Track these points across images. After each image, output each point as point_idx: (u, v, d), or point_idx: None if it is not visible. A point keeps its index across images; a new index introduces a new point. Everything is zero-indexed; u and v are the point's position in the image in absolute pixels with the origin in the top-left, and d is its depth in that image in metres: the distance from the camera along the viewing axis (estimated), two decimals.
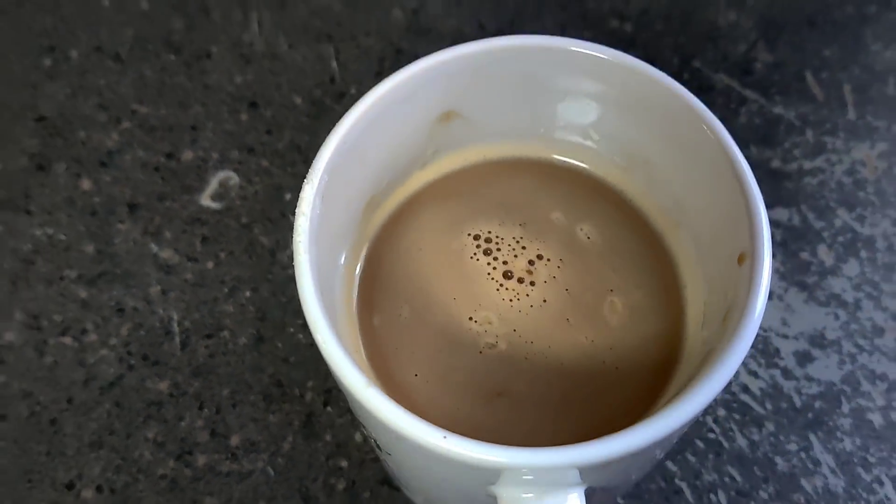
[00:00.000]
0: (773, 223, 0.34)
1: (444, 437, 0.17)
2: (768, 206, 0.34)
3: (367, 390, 0.18)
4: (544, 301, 0.23)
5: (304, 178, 0.20)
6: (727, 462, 0.30)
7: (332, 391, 0.31)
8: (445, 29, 0.38)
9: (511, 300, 0.23)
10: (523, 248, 0.24)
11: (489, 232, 0.24)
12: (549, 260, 0.24)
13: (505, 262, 0.24)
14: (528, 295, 0.23)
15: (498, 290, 0.23)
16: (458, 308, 0.23)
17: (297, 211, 0.20)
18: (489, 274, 0.24)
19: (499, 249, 0.24)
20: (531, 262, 0.24)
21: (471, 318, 0.23)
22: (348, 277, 0.24)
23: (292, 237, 0.20)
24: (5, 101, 0.37)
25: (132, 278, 0.33)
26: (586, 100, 0.23)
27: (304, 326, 0.32)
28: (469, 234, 0.24)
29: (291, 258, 0.33)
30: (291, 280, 0.33)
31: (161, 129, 0.37)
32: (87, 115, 0.37)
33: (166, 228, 0.34)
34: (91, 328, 0.32)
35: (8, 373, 0.32)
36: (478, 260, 0.24)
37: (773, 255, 0.33)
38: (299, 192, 0.20)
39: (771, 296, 0.32)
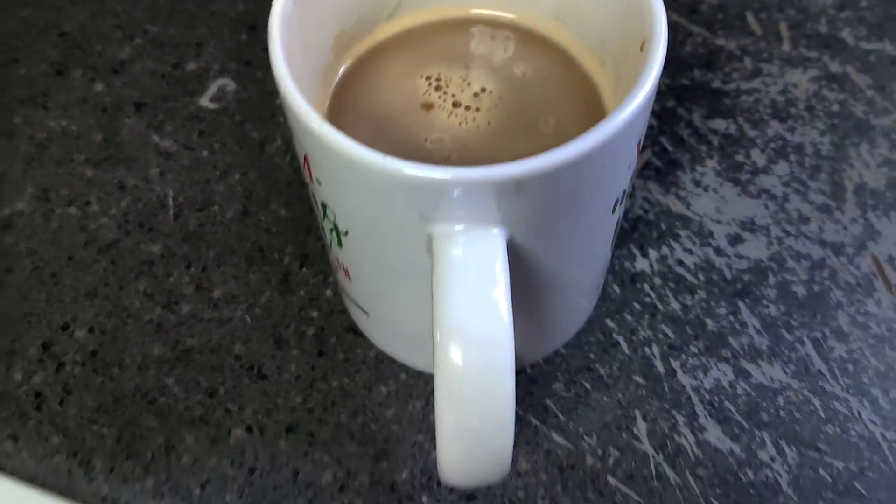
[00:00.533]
0: (712, 132, 0.37)
1: (384, 156, 0.21)
2: (707, 118, 0.38)
3: (323, 124, 0.21)
4: (489, 123, 0.27)
5: None
6: (661, 321, 0.33)
7: (308, 255, 0.34)
8: None
9: (460, 123, 0.27)
10: (468, 83, 0.28)
11: (440, 73, 0.28)
12: (491, 92, 0.27)
13: (454, 95, 0.27)
14: (474, 119, 0.27)
15: (449, 116, 0.27)
16: (414, 132, 0.27)
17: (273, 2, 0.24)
18: (440, 105, 0.27)
19: (448, 86, 0.28)
20: (476, 95, 0.27)
21: (426, 139, 0.27)
22: (318, 106, 0.28)
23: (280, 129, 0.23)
24: (32, 20, 0.42)
25: (134, 162, 0.37)
26: None
27: (287, 203, 0.36)
28: (422, 77, 0.28)
29: (279, 150, 0.37)
30: (277, 168, 0.37)
31: (169, 45, 0.41)
32: (105, 33, 0.41)
33: (168, 123, 0.38)
34: (94, 201, 0.36)
35: (16, 234, 0.35)
36: (430, 95, 0.28)
37: (710, 157, 0.37)
38: None
39: (707, 189, 0.36)
